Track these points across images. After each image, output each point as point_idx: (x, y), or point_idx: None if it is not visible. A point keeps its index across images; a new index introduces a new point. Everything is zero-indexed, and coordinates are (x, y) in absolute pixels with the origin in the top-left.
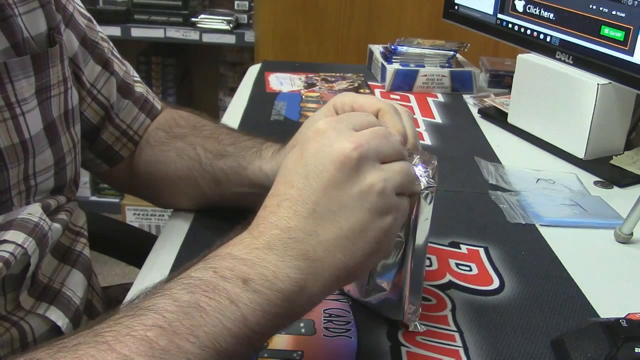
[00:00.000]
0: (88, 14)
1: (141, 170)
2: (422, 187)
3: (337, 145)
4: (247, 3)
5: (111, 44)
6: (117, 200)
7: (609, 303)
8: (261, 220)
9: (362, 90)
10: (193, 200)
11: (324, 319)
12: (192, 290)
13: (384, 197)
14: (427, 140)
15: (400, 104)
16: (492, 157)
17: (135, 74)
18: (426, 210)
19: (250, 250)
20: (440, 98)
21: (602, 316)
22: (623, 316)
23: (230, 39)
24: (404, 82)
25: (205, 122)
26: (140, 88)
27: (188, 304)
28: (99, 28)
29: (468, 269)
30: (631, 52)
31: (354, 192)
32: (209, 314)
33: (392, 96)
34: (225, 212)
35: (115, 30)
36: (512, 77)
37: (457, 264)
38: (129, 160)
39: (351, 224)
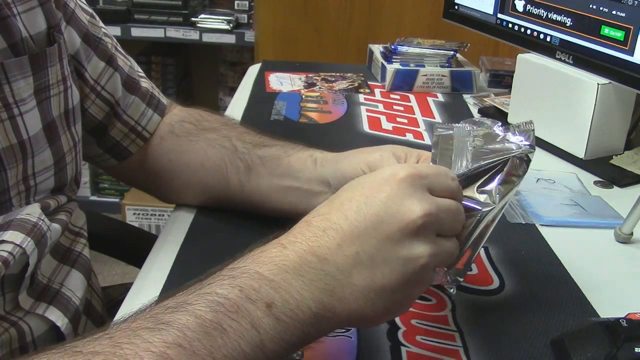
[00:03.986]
0: (90, 10)
1: (159, 161)
2: (518, 153)
3: (407, 205)
4: (247, 3)
5: (114, 40)
6: (117, 200)
7: (609, 303)
8: (300, 238)
9: (362, 90)
10: (208, 194)
11: None
12: (216, 308)
13: (423, 271)
14: (427, 141)
15: (400, 104)
16: None
17: (140, 69)
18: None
19: (279, 272)
20: (440, 98)
21: (602, 316)
22: (623, 316)
23: (230, 39)
24: (404, 82)
25: (236, 120)
26: (145, 83)
27: (210, 324)
28: (102, 24)
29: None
30: (631, 52)
31: (401, 255)
32: (229, 336)
33: (392, 96)
34: (226, 212)
35: (115, 30)
36: (512, 77)
37: None
38: (139, 155)
39: (385, 281)
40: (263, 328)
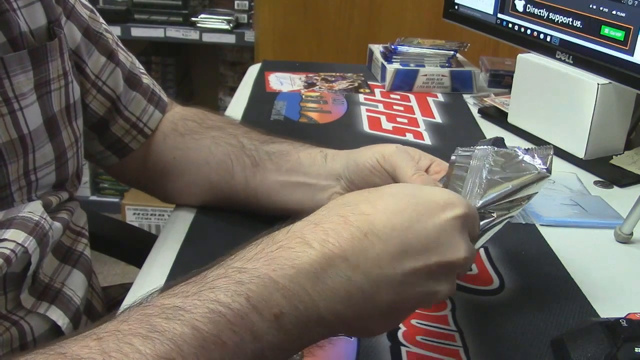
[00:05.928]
0: (90, 6)
1: (163, 158)
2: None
3: (457, 245)
4: (247, 3)
5: (115, 35)
6: (117, 200)
7: (609, 303)
8: (334, 237)
9: (362, 90)
10: (212, 192)
11: None
12: (217, 320)
13: (432, 302)
14: (427, 140)
15: (400, 104)
16: None
17: (141, 66)
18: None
19: (295, 276)
20: (440, 98)
21: (602, 316)
22: (623, 316)
23: (230, 39)
24: (404, 82)
25: (239, 120)
26: (146, 80)
27: (208, 337)
28: (102, 20)
29: None
30: (631, 52)
31: (428, 287)
32: (228, 350)
33: (392, 96)
34: (226, 212)
35: (115, 30)
36: (512, 76)
37: None
38: (141, 152)
39: (405, 305)
40: (266, 339)
